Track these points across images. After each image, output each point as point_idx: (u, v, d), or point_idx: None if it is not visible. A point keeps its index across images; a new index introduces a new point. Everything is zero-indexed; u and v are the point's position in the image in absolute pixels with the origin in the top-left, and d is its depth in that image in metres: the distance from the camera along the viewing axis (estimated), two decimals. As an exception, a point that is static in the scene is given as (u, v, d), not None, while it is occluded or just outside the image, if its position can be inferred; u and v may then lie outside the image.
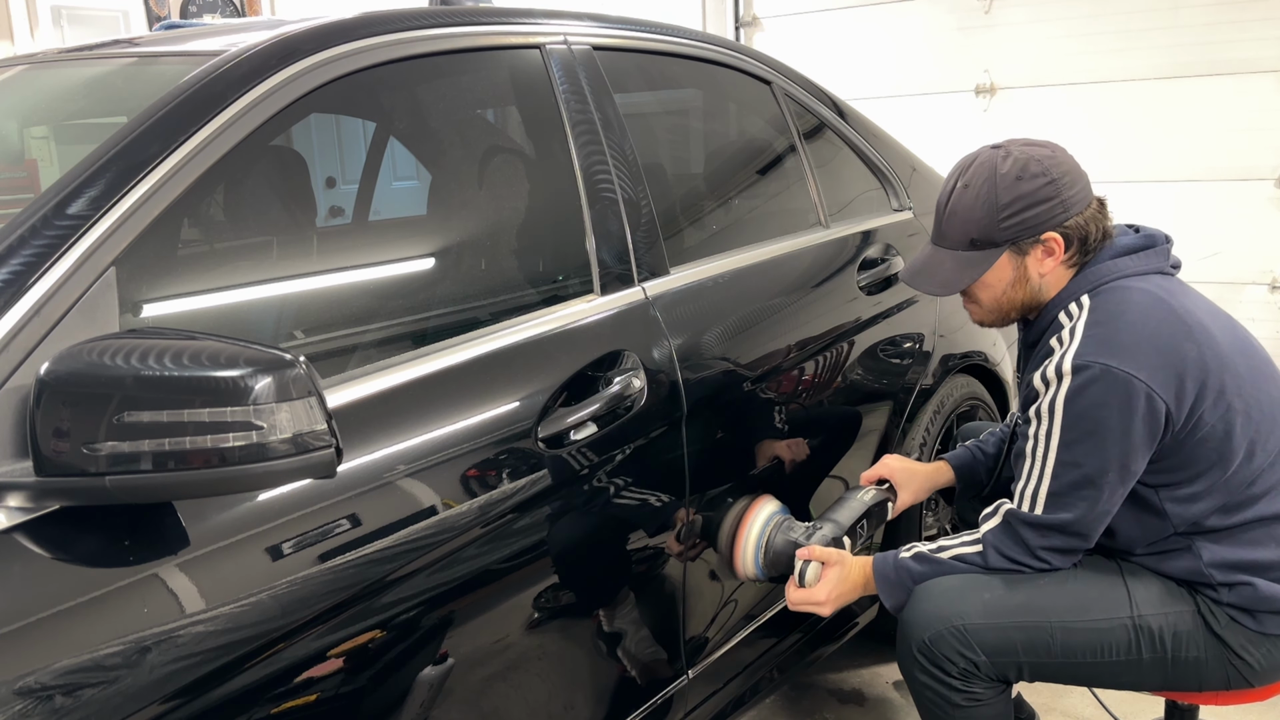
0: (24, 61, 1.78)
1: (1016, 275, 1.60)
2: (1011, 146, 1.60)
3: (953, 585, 1.60)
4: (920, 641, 1.58)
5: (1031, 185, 1.54)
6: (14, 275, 1.02)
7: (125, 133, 1.16)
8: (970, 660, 1.56)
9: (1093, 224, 1.57)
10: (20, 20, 5.22)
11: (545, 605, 1.43)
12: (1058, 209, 1.55)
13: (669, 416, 1.60)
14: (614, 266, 1.63)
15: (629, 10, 2.11)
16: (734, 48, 2.18)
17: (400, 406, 1.27)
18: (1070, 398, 1.49)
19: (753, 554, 1.73)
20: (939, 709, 1.61)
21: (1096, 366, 1.46)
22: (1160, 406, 1.46)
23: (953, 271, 1.63)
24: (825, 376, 2.01)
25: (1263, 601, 1.51)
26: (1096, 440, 1.48)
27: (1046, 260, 1.58)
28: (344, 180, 2.22)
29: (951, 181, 1.63)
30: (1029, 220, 1.55)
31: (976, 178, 1.58)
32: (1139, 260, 1.57)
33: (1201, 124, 3.93)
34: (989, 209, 1.56)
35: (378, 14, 1.45)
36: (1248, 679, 1.56)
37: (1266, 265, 3.90)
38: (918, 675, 1.60)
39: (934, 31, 4.57)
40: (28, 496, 0.96)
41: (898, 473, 1.88)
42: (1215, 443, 1.50)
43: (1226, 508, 1.53)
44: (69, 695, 0.92)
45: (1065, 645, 1.55)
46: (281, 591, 1.09)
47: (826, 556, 1.65)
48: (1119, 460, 1.48)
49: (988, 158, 1.60)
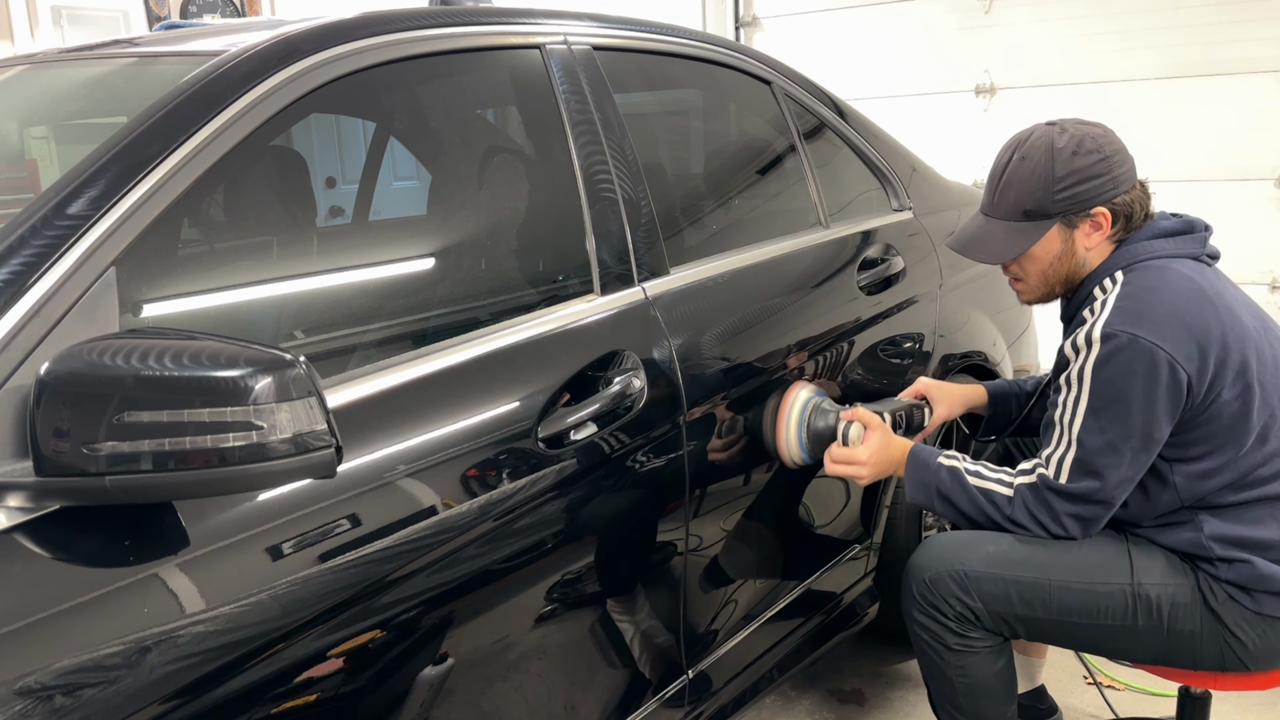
0: (24, 61, 1.78)
1: (1064, 248, 1.67)
2: (1067, 124, 1.67)
3: (961, 536, 1.68)
4: (921, 581, 1.66)
5: (1086, 160, 1.61)
6: (14, 275, 1.02)
7: (125, 133, 1.16)
8: (967, 605, 1.63)
9: (1138, 203, 1.64)
10: (20, 20, 5.22)
11: (545, 605, 1.43)
12: (1108, 185, 1.61)
13: (669, 416, 1.60)
14: (614, 266, 1.63)
15: (629, 10, 2.11)
16: (734, 48, 2.18)
17: (400, 406, 1.27)
18: (1098, 365, 1.54)
19: (795, 437, 1.79)
20: (934, 651, 1.69)
21: (1124, 335, 1.52)
22: (1183, 377, 1.51)
23: (1004, 241, 1.69)
24: (825, 376, 2.01)
25: (1260, 580, 1.55)
26: (1121, 407, 1.53)
27: (1094, 234, 1.65)
28: (344, 180, 2.22)
29: (1008, 154, 1.69)
30: (1081, 194, 1.62)
31: (1034, 151, 1.64)
32: (1175, 243, 1.63)
33: (1201, 124, 3.93)
34: (1045, 181, 1.62)
35: (378, 14, 1.45)
36: (1243, 660, 1.59)
37: (1266, 265, 3.90)
38: (916, 615, 1.69)
39: (934, 31, 4.57)
40: (28, 496, 0.96)
41: (933, 388, 1.94)
42: (1230, 420, 1.54)
43: (1235, 486, 1.57)
44: (69, 695, 0.92)
45: (1061, 603, 1.61)
46: (281, 591, 1.09)
47: (870, 421, 1.73)
48: (1142, 428, 1.53)
49: (1044, 133, 1.66)
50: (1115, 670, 2.39)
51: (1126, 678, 2.37)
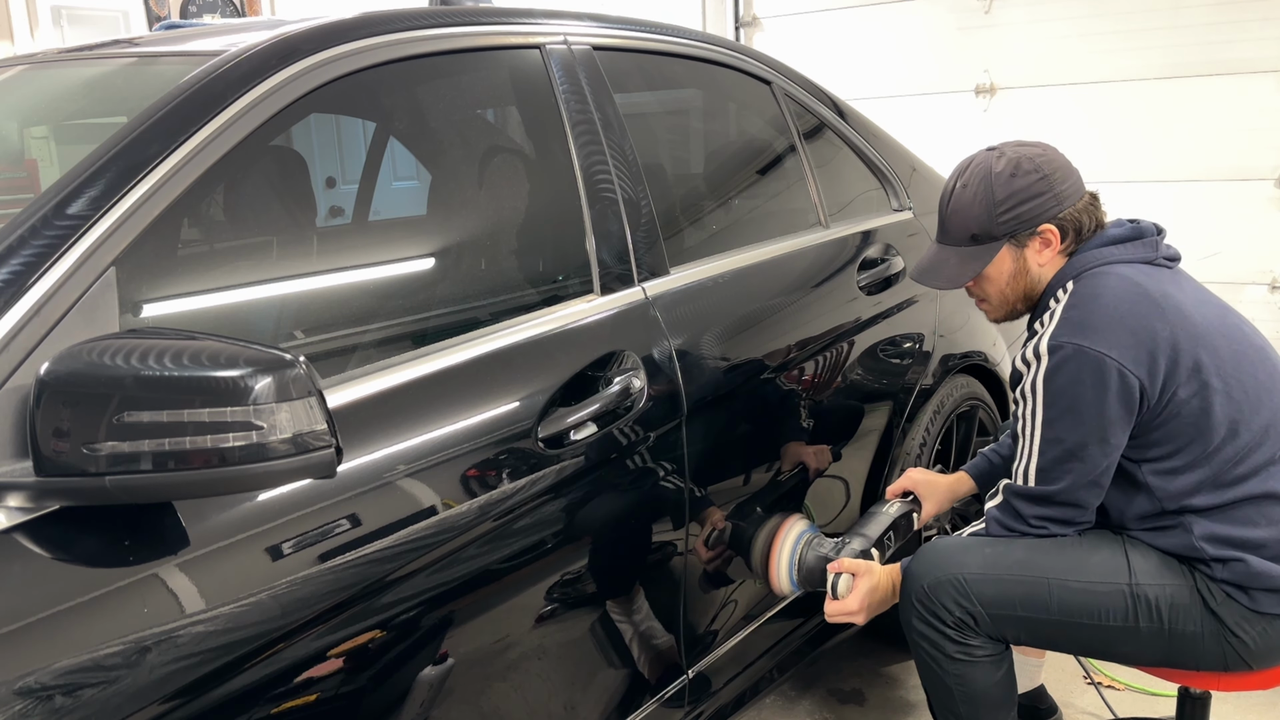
0: (24, 61, 1.78)
1: (1017, 267, 1.70)
2: (1005, 148, 1.71)
3: (956, 542, 1.71)
4: (919, 589, 1.66)
5: (1025, 181, 1.65)
6: (14, 275, 1.02)
7: (125, 133, 1.16)
8: (967, 611, 1.63)
9: (1085, 215, 1.67)
10: (20, 20, 5.22)
11: (545, 605, 1.43)
12: (1050, 202, 1.65)
13: (669, 417, 1.60)
14: (614, 266, 1.63)
15: (629, 10, 2.11)
16: (734, 48, 2.18)
17: (400, 406, 1.27)
18: (1048, 377, 1.58)
19: (787, 571, 1.82)
20: (933, 660, 1.68)
21: (1069, 346, 1.55)
22: (1133, 382, 1.53)
23: (957, 267, 1.73)
24: (825, 376, 2.01)
25: (1255, 578, 1.55)
26: (1075, 416, 1.56)
27: (1044, 251, 1.68)
28: (344, 180, 2.22)
29: (951, 182, 1.75)
30: (1024, 214, 1.65)
31: (974, 178, 1.70)
32: (1125, 249, 1.65)
33: (1201, 124, 3.92)
34: (986, 205, 1.67)
35: (378, 14, 1.45)
36: (1245, 659, 1.59)
37: (1266, 265, 3.89)
38: (915, 624, 1.68)
39: (934, 31, 4.56)
40: (28, 496, 0.96)
41: (921, 485, 1.96)
42: (1192, 418, 1.56)
43: (1214, 485, 1.58)
44: (69, 695, 0.92)
45: (1062, 604, 1.62)
46: (281, 591, 1.09)
47: (855, 568, 1.73)
48: (1097, 434, 1.56)
49: (983, 159, 1.71)
50: (1115, 670, 2.39)
51: (1126, 678, 2.37)
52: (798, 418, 1.94)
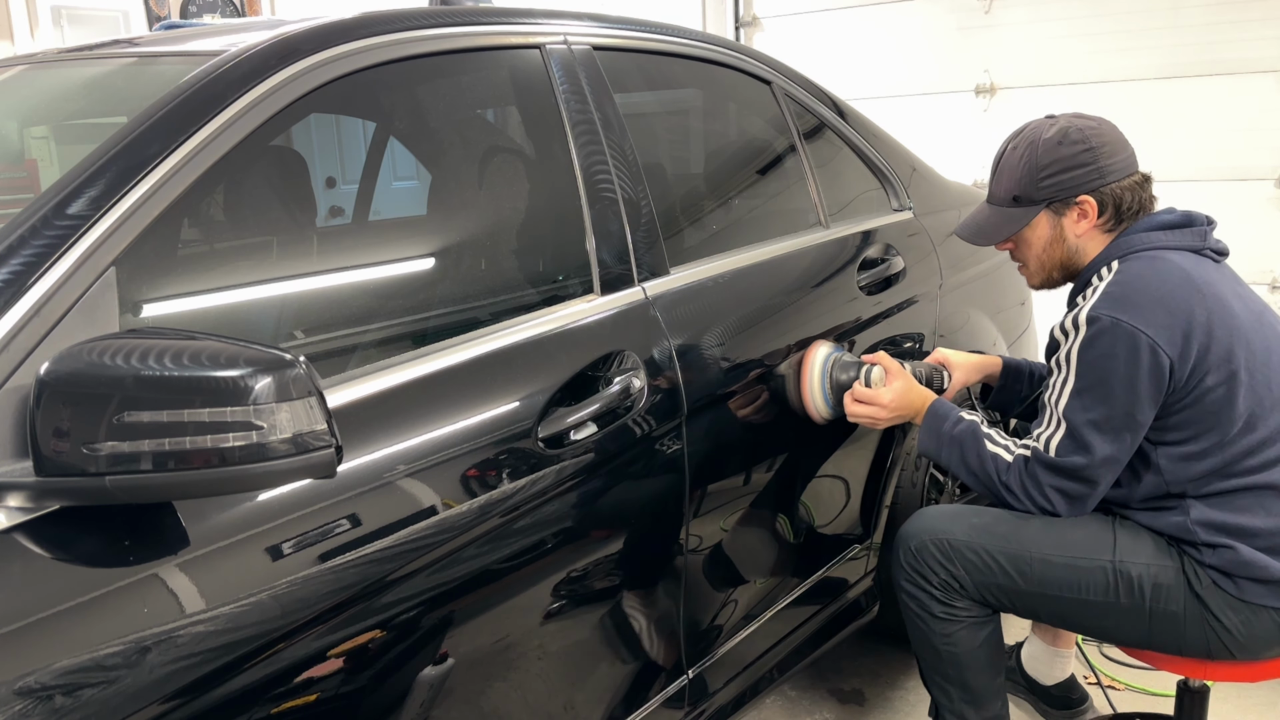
0: (24, 61, 1.78)
1: (1054, 235, 1.75)
2: (1061, 117, 1.75)
3: (950, 509, 1.79)
4: (908, 549, 1.74)
5: (1070, 150, 1.69)
6: (14, 275, 1.02)
7: (125, 133, 1.16)
8: (950, 574, 1.70)
9: (1129, 193, 1.70)
10: (20, 20, 5.21)
11: (545, 605, 1.43)
12: (1093, 175, 1.68)
13: (669, 416, 1.60)
14: (614, 266, 1.63)
15: (629, 10, 2.11)
16: (734, 48, 2.18)
17: (400, 406, 1.27)
18: (1083, 348, 1.61)
19: (820, 391, 1.87)
20: (920, 620, 1.75)
21: (1107, 319, 1.58)
22: (1165, 361, 1.55)
23: (996, 225, 1.80)
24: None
25: (1243, 567, 1.57)
26: (1105, 389, 1.58)
27: (1081, 222, 1.72)
28: (344, 180, 2.22)
29: (1004, 145, 1.80)
30: (1064, 182, 1.70)
31: (1024, 141, 1.75)
32: (1173, 236, 1.68)
33: (1201, 124, 3.93)
34: (1030, 168, 1.72)
35: (378, 14, 1.45)
36: (1229, 648, 1.61)
37: (1266, 265, 3.90)
38: (903, 584, 1.76)
39: (934, 31, 4.57)
40: (28, 496, 0.96)
41: (951, 357, 2.04)
42: (1214, 406, 1.58)
43: (1222, 473, 1.60)
44: (69, 695, 0.92)
45: (1042, 576, 1.66)
46: (281, 591, 1.09)
47: (893, 368, 1.83)
48: (1125, 409, 1.58)
49: (1037, 125, 1.76)
50: (1115, 670, 2.39)
51: (1127, 678, 2.38)
52: (798, 418, 1.94)
